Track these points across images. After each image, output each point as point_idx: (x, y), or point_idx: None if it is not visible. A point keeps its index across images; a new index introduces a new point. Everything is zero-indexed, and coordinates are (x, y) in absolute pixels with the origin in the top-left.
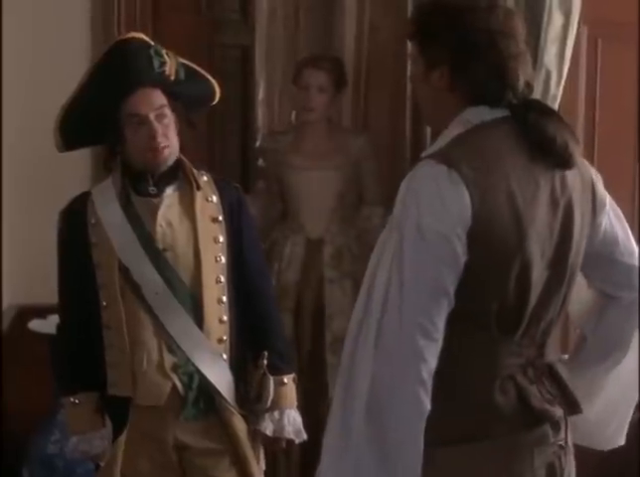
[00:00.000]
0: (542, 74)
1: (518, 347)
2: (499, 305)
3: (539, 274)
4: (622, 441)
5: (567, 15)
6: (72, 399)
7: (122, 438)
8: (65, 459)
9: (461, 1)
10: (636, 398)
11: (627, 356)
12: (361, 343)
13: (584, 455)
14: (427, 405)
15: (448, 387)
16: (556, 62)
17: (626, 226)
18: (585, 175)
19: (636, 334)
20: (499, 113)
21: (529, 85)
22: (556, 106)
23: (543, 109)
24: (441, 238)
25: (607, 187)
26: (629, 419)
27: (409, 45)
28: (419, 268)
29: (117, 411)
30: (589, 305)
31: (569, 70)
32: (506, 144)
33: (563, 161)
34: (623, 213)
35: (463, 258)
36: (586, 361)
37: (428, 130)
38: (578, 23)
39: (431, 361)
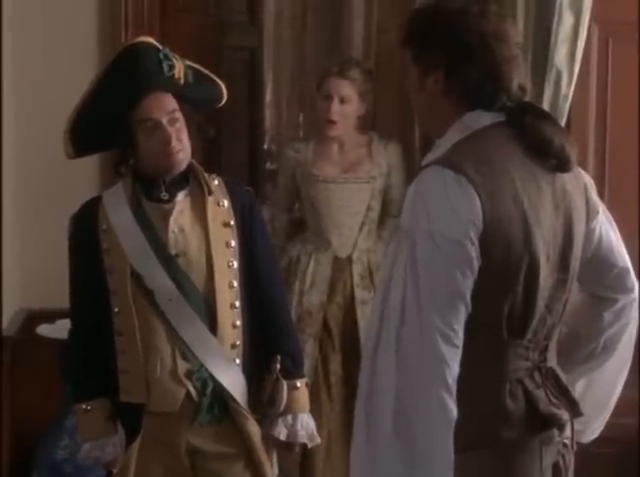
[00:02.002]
0: (552, 74)
1: (525, 350)
2: (509, 308)
3: (545, 278)
4: (598, 433)
5: (578, 15)
6: (84, 406)
7: (135, 445)
8: (74, 465)
9: (452, 6)
10: (617, 394)
11: (614, 355)
12: (380, 355)
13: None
14: (454, 411)
15: (458, 392)
16: (566, 62)
17: (616, 229)
18: (580, 181)
19: (624, 335)
20: (497, 118)
21: (522, 89)
22: (567, 106)
23: (538, 112)
24: (454, 244)
25: (618, 185)
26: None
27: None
28: (435, 275)
29: (130, 418)
30: (578, 306)
31: (580, 70)
32: (507, 148)
33: (562, 164)
34: (635, 209)
35: (477, 263)
36: (575, 360)
37: None
38: (589, 23)
39: (454, 366)
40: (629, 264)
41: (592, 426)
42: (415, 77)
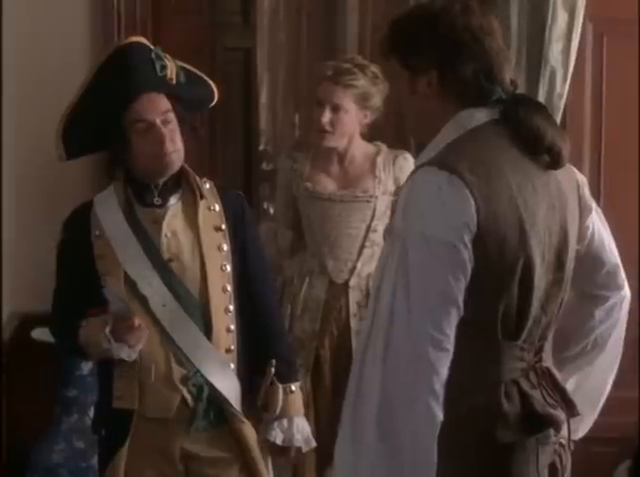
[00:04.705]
0: (547, 72)
1: (520, 351)
2: (504, 310)
3: (540, 278)
4: (587, 430)
5: (572, 12)
6: (83, 325)
7: (124, 450)
8: (69, 469)
9: (435, 8)
10: (608, 391)
11: (603, 353)
12: (368, 360)
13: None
14: (440, 417)
15: (453, 395)
16: (561, 59)
17: (607, 226)
18: (572, 179)
19: (614, 332)
20: (490, 115)
21: (513, 83)
22: (562, 104)
23: (531, 104)
24: (448, 247)
25: (614, 183)
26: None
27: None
28: (427, 279)
29: (119, 423)
30: (569, 304)
31: (575, 67)
32: (502, 148)
33: (554, 160)
34: (631, 208)
35: (470, 266)
36: (565, 358)
37: None
38: (583, 20)
39: (443, 371)
40: (619, 261)
41: (584, 424)
42: (406, 82)
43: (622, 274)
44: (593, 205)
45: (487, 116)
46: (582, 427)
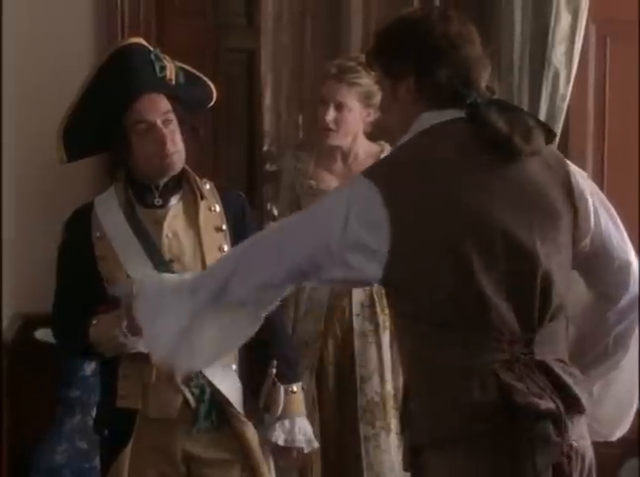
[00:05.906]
0: (550, 73)
1: (498, 343)
2: (450, 304)
3: (484, 271)
4: (624, 431)
5: (575, 14)
6: (94, 323)
7: (127, 451)
8: (72, 469)
9: (414, 15)
10: (637, 391)
11: (628, 353)
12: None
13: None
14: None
15: (429, 386)
16: (564, 61)
17: (619, 223)
18: (557, 170)
19: (634, 332)
20: (449, 116)
21: (489, 89)
22: (565, 106)
23: (505, 105)
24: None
25: (616, 184)
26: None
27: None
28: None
29: (123, 423)
30: (585, 307)
31: (578, 69)
32: (454, 147)
33: (509, 152)
34: (632, 210)
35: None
36: (587, 362)
37: None
38: (586, 21)
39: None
40: (631, 258)
41: (620, 427)
42: (388, 89)
43: (634, 271)
44: (589, 196)
45: (445, 116)
46: (621, 429)
